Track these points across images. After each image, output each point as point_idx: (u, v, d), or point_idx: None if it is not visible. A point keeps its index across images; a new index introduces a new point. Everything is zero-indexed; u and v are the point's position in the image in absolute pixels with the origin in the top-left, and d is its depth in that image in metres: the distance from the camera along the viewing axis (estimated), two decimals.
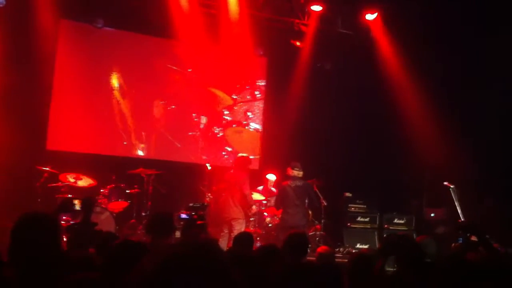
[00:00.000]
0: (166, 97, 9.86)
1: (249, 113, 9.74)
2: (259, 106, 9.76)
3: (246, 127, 9.86)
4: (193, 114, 9.61)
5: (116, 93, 9.74)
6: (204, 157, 10.25)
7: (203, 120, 9.59)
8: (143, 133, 9.75)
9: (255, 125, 9.76)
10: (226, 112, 9.53)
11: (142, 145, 9.65)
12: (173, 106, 9.73)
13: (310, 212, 10.44)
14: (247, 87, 9.60)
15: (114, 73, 10.53)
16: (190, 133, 9.53)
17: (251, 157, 9.53)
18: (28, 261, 2.59)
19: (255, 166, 11.97)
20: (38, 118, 10.68)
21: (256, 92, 9.64)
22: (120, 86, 9.97)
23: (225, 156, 9.68)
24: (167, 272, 1.27)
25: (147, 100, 10.15)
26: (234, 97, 9.61)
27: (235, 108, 9.63)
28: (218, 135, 9.55)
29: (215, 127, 9.63)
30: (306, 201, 9.60)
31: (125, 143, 9.96)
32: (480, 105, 10.88)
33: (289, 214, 9.21)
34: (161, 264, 1.29)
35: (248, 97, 9.65)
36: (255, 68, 10.50)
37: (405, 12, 11.27)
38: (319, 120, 12.29)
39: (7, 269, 2.58)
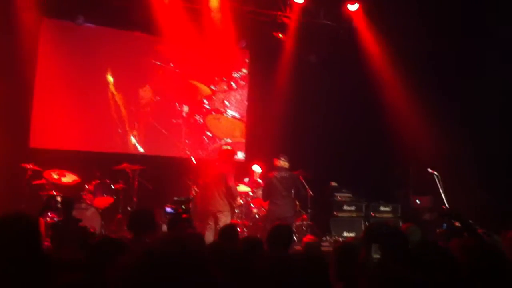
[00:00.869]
0: (151, 90, 10.73)
1: (226, 102, 10.88)
2: (235, 95, 10.91)
3: (224, 114, 10.93)
4: (176, 104, 10.67)
5: (111, 87, 10.53)
6: (187, 152, 11.00)
7: (185, 109, 10.66)
8: (135, 123, 10.75)
9: (232, 113, 10.87)
10: (205, 102, 10.71)
11: (135, 132, 10.60)
12: (158, 98, 10.74)
13: (297, 202, 10.47)
14: (224, 78, 10.76)
15: (108, 68, 10.94)
16: (174, 121, 10.56)
17: (228, 140, 10.61)
18: (6, 262, 2.56)
19: (240, 157, 12.02)
20: (21, 116, 10.62)
21: (232, 83, 10.78)
22: (115, 80, 10.68)
23: (206, 141, 10.78)
24: (143, 269, 1.27)
25: (134, 92, 10.87)
26: (213, 88, 10.75)
27: (214, 97, 10.80)
28: (199, 122, 10.67)
29: (196, 115, 10.74)
30: (293, 191, 9.62)
31: (119, 130, 10.78)
32: (465, 94, 10.96)
33: (277, 205, 9.21)
34: (138, 261, 1.29)
35: (225, 87, 10.81)
36: (234, 61, 11.26)
37: (386, 2, 11.29)
38: (304, 112, 12.31)
39: None
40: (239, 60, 11.22)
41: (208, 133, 10.87)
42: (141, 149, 11.15)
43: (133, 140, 10.80)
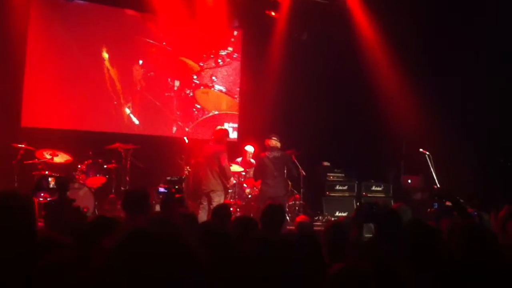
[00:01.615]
0: (145, 65, 11.47)
1: (213, 77, 11.84)
2: (222, 71, 11.94)
3: (212, 89, 11.91)
4: (168, 79, 11.52)
5: (107, 63, 11.14)
6: (179, 123, 11.83)
7: (177, 83, 11.55)
8: (130, 96, 11.41)
9: (219, 87, 11.89)
10: (195, 77, 11.65)
11: (129, 104, 11.25)
12: (152, 73, 11.49)
13: (289, 182, 10.51)
14: (211, 56, 11.74)
15: (101, 45, 11.32)
16: (166, 94, 11.45)
17: (215, 112, 11.64)
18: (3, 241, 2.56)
19: (233, 137, 12.07)
20: (12, 95, 10.52)
21: (219, 60, 11.80)
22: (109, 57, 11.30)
23: (195, 112, 11.76)
24: (125, 251, 1.27)
25: (128, 68, 11.49)
26: (201, 64, 11.71)
27: (202, 73, 11.75)
28: (189, 95, 11.62)
29: (186, 89, 11.64)
30: (285, 171, 9.64)
31: (115, 102, 11.33)
32: (456, 73, 10.99)
33: (268, 185, 9.24)
34: (120, 243, 1.29)
35: (212, 64, 11.79)
36: (221, 40, 12.08)
37: None
38: (296, 91, 12.29)
39: None
40: (225, 39, 12.01)
41: (197, 106, 11.75)
42: (135, 121, 11.52)
43: (128, 111, 11.34)
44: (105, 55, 11.29)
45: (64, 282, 2.15)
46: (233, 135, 11.96)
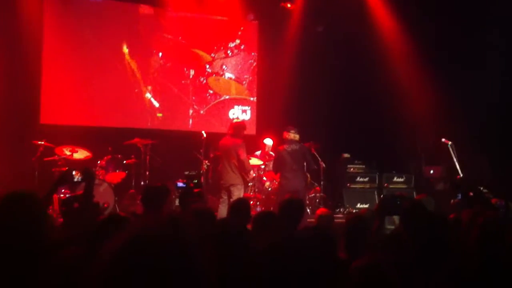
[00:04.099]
0: (163, 57, 12.51)
1: (224, 66, 13.15)
2: (231, 61, 13.20)
3: (222, 76, 13.19)
4: (184, 68, 12.68)
5: (127, 57, 12.04)
6: (195, 106, 12.82)
7: (192, 72, 12.75)
8: (149, 85, 12.42)
9: (229, 75, 13.19)
10: (207, 66, 12.95)
11: (149, 88, 12.31)
12: (169, 64, 12.57)
13: (308, 175, 10.40)
14: (221, 48, 13.05)
15: (120, 40, 12.02)
16: (182, 82, 12.62)
17: (226, 97, 13.04)
18: (9, 241, 2.53)
19: (252, 131, 12.08)
20: (30, 93, 10.61)
21: (228, 51, 13.15)
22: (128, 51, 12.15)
23: (208, 97, 12.98)
24: (124, 252, 1.24)
25: (147, 60, 12.40)
26: (213, 55, 12.95)
27: (214, 63, 13.02)
28: (202, 82, 12.91)
29: (200, 77, 12.88)
30: (305, 164, 9.52)
31: (136, 90, 12.19)
32: (476, 63, 10.81)
33: (287, 178, 9.10)
34: (121, 244, 1.26)
35: (222, 55, 13.10)
36: (230, 33, 13.17)
37: None
38: (314, 83, 12.20)
39: None
40: (233, 33, 13.13)
41: (210, 91, 13.00)
42: (156, 104, 12.38)
43: (149, 95, 12.33)
44: (125, 50, 12.04)
45: (68, 280, 2.12)
46: (243, 116, 12.98)
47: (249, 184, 9.98)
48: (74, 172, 4.77)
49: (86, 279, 1.34)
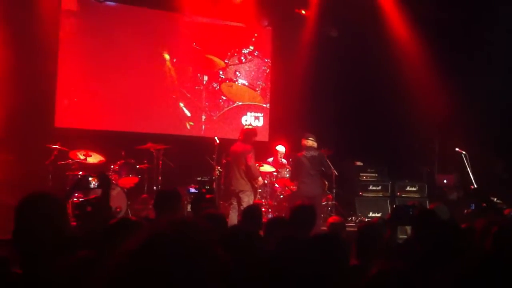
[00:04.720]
0: (177, 62, 12.55)
1: (237, 73, 13.20)
2: (244, 67, 13.24)
3: (236, 83, 13.23)
4: (198, 74, 12.76)
5: (168, 63, 12.35)
6: (208, 111, 12.81)
7: (205, 78, 12.84)
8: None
9: (242, 81, 13.23)
10: (220, 72, 13.02)
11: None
12: (183, 69, 12.67)
13: (326, 182, 10.40)
14: (235, 54, 13.12)
15: (133, 45, 11.86)
16: (196, 87, 12.71)
17: (239, 103, 13.07)
18: (30, 242, 2.55)
19: (264, 137, 12.09)
20: (45, 96, 10.68)
21: (242, 58, 13.21)
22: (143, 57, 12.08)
23: (221, 103, 13.03)
24: (142, 257, 1.25)
25: (161, 66, 12.37)
26: (226, 61, 13.01)
27: (227, 69, 13.09)
28: (216, 88, 12.97)
29: (213, 83, 12.93)
30: (322, 169, 9.54)
31: (174, 96, 12.45)
32: (492, 72, 10.74)
33: (305, 183, 9.15)
34: (135, 247, 1.26)
35: (236, 61, 13.17)
36: (244, 40, 13.22)
37: None
38: (328, 90, 12.19)
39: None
40: (247, 39, 13.19)
41: (223, 97, 13.04)
42: (188, 113, 12.54)
43: (181, 104, 12.53)
44: (167, 56, 12.35)
45: (78, 283, 2.14)
46: (255, 123, 12.97)
47: (259, 190, 9.97)
48: (90, 178, 4.80)
49: (97, 281, 1.35)
